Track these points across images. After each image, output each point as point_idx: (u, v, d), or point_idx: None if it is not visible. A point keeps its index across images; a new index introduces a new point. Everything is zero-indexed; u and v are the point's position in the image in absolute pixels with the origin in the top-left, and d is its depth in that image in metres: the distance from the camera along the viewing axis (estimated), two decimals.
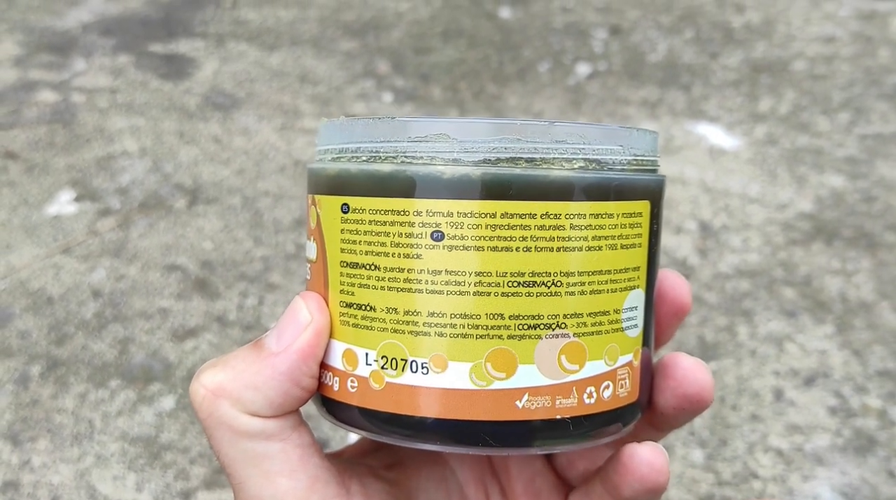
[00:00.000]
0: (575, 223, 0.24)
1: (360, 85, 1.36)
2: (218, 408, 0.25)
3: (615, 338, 0.25)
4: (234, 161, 1.16)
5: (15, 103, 1.30)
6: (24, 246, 0.99)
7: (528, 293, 0.24)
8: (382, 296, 0.24)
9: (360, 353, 0.25)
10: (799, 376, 0.80)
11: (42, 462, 0.73)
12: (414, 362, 0.24)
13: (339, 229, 0.25)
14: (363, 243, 0.25)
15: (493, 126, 0.24)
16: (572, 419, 0.25)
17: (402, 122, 0.25)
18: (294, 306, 0.26)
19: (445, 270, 0.24)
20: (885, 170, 1.12)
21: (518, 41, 1.50)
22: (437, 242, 0.24)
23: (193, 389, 0.26)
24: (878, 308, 0.88)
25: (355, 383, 0.25)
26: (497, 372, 0.24)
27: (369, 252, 0.25)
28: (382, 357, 0.25)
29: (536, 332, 0.24)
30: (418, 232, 0.24)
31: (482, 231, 0.24)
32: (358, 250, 0.25)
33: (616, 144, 0.25)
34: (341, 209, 0.25)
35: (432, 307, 0.24)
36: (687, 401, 0.27)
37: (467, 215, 0.23)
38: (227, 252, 0.98)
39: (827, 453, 0.72)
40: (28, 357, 0.83)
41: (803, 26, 1.50)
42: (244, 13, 1.62)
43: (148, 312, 0.89)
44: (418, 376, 0.24)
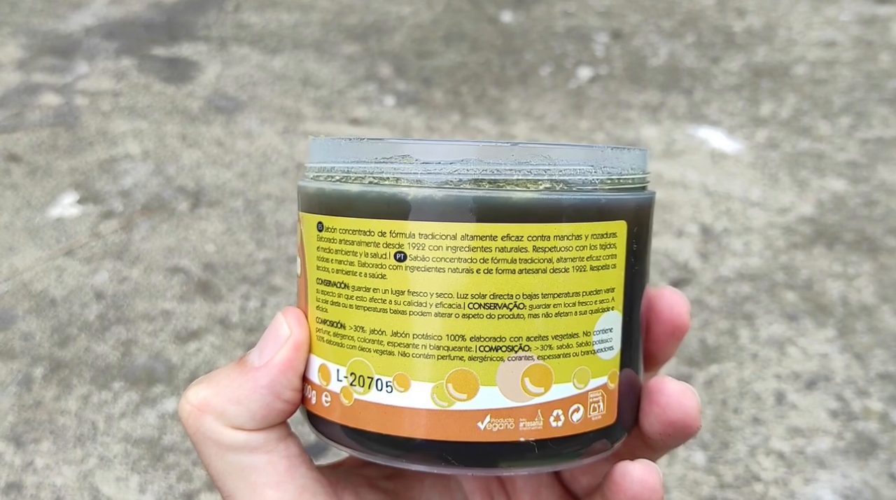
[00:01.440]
0: (538, 245, 0.24)
1: (363, 89, 1.37)
2: (203, 423, 0.26)
3: (585, 361, 0.25)
4: (236, 164, 1.17)
5: (18, 106, 1.30)
6: (27, 248, 0.99)
7: (490, 315, 0.24)
8: (351, 314, 0.25)
9: (332, 368, 0.26)
10: (800, 380, 0.80)
11: (45, 464, 0.73)
12: (379, 380, 0.24)
13: (315, 247, 0.26)
14: (334, 262, 0.25)
15: (456, 147, 0.24)
16: (537, 441, 0.24)
17: (370, 142, 0.25)
18: (275, 322, 0.27)
19: (408, 290, 0.24)
20: (886, 174, 1.12)
21: (520, 45, 1.51)
22: (400, 263, 0.24)
23: (180, 406, 0.27)
24: (879, 312, 0.89)
25: (329, 398, 0.26)
26: (458, 393, 0.24)
27: (340, 270, 0.25)
28: (351, 374, 0.25)
29: (498, 354, 0.24)
30: (383, 252, 0.24)
31: (443, 253, 0.24)
32: (330, 268, 0.25)
33: (587, 164, 0.25)
34: (317, 227, 0.26)
35: (396, 327, 0.24)
36: (671, 427, 0.27)
37: (428, 237, 0.24)
38: (229, 255, 0.98)
39: (828, 456, 0.72)
40: (31, 359, 0.84)
41: (804, 31, 1.50)
42: (247, 17, 1.62)
43: (151, 314, 0.89)
44: (383, 394, 0.24)
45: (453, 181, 0.24)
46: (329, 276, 0.25)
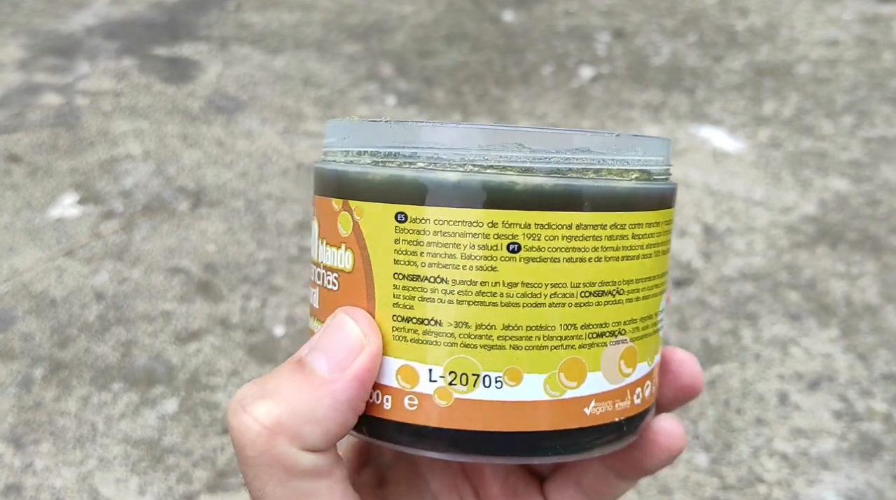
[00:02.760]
0: (636, 233, 0.25)
1: (364, 88, 1.36)
2: (275, 446, 0.23)
3: (654, 340, 0.26)
4: (237, 164, 1.16)
5: (19, 106, 1.30)
6: (27, 249, 0.99)
7: (598, 302, 0.24)
8: (451, 310, 0.24)
9: (421, 369, 0.24)
10: (804, 380, 0.80)
11: (45, 465, 0.73)
12: (487, 376, 0.24)
13: (391, 239, 0.24)
14: (427, 255, 0.24)
15: (564, 136, 0.24)
16: (626, 420, 0.25)
17: (471, 129, 0.24)
18: (342, 325, 0.24)
19: (522, 282, 0.23)
20: (890, 173, 1.12)
21: (521, 44, 1.50)
22: (514, 254, 0.23)
23: (244, 424, 0.23)
24: (883, 312, 0.88)
25: (415, 401, 0.24)
26: (569, 382, 0.24)
27: (434, 264, 0.24)
28: (450, 373, 0.24)
29: (602, 339, 0.25)
30: (493, 243, 0.23)
31: (558, 242, 0.24)
32: (419, 262, 0.24)
33: (659, 154, 0.26)
34: (396, 218, 0.24)
35: (507, 320, 0.24)
36: (682, 392, 0.29)
37: (545, 227, 0.23)
38: (230, 255, 0.98)
39: (832, 457, 0.72)
40: (31, 360, 0.83)
41: (807, 30, 1.49)
42: (248, 16, 1.62)
43: (151, 314, 0.89)
44: (491, 390, 0.24)
45: (562, 170, 0.24)
46: (417, 270, 0.24)
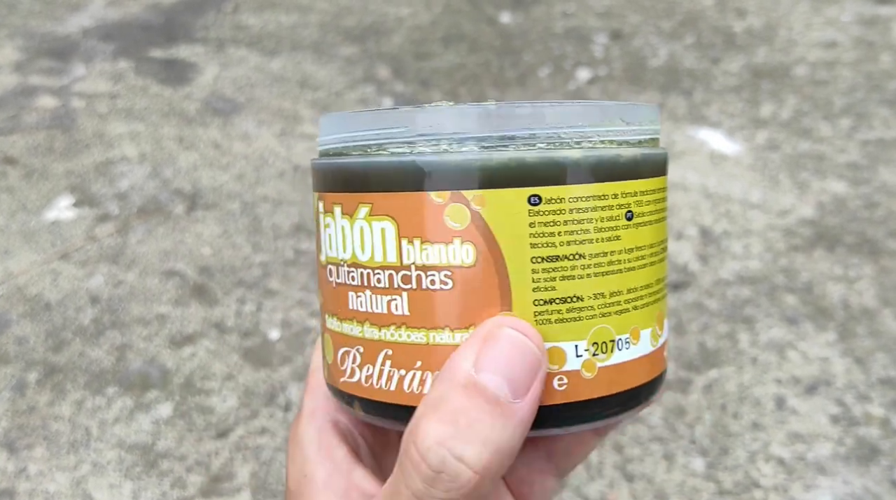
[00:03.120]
0: (664, 196, 0.27)
1: (361, 90, 1.36)
2: (483, 486, 0.22)
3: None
4: (233, 166, 1.16)
5: (15, 108, 1.30)
6: (22, 252, 0.99)
7: (661, 259, 0.27)
8: (589, 284, 0.24)
9: (568, 347, 0.24)
10: (801, 384, 0.80)
11: (38, 470, 0.72)
12: (619, 340, 0.25)
13: (525, 224, 0.24)
14: (564, 234, 0.24)
15: (650, 108, 0.27)
16: (664, 372, 0.28)
17: (584, 105, 0.25)
18: (520, 344, 0.23)
19: (635, 246, 0.25)
20: (888, 176, 1.11)
21: (519, 46, 1.50)
22: (630, 222, 0.25)
23: (457, 471, 0.22)
24: (880, 315, 0.88)
25: (564, 381, 0.24)
26: (661, 331, 0.27)
27: (572, 242, 0.24)
28: (593, 344, 0.25)
29: (663, 292, 0.27)
30: (616, 214, 0.25)
31: (653, 206, 0.26)
32: (558, 242, 0.24)
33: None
34: (530, 201, 0.24)
35: (630, 284, 0.25)
36: None
37: (646, 193, 0.26)
38: (225, 258, 0.98)
39: (829, 462, 0.71)
40: (25, 364, 0.83)
41: (805, 31, 1.49)
42: (245, 18, 1.62)
43: (146, 318, 0.89)
44: (623, 352, 0.25)
45: (643, 141, 0.27)
46: (557, 250, 0.24)
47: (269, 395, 0.80)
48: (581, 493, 0.70)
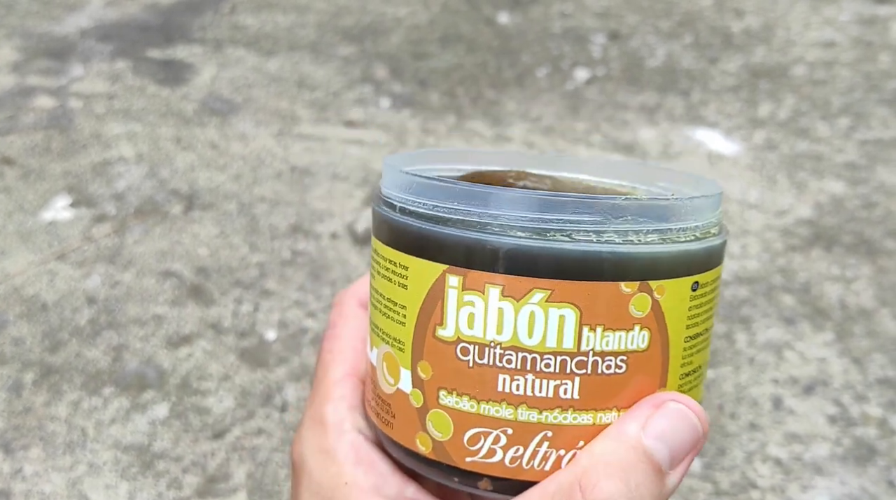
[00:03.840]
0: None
1: (358, 90, 1.36)
2: None
3: None
4: (230, 167, 1.16)
5: (12, 109, 1.29)
6: (18, 252, 0.98)
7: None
8: (704, 355, 0.28)
9: None
10: (798, 385, 0.80)
11: (34, 471, 0.72)
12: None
13: (686, 308, 0.26)
14: (702, 315, 0.27)
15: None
16: None
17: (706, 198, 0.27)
18: (687, 417, 0.24)
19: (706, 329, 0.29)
20: (886, 175, 1.11)
21: (516, 46, 1.50)
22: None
23: None
24: (878, 315, 0.88)
25: None
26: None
27: (703, 320, 0.27)
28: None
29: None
30: (715, 295, 0.28)
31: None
32: (700, 322, 0.27)
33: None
34: (692, 288, 0.26)
35: (706, 358, 0.29)
36: None
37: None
38: (222, 258, 0.98)
39: (826, 462, 0.71)
40: (21, 364, 0.83)
41: (803, 31, 1.49)
42: (242, 19, 1.62)
43: (142, 318, 0.88)
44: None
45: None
46: (698, 329, 0.27)
47: (266, 396, 0.80)
48: None
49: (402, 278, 0.27)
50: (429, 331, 0.26)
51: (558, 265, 0.24)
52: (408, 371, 0.27)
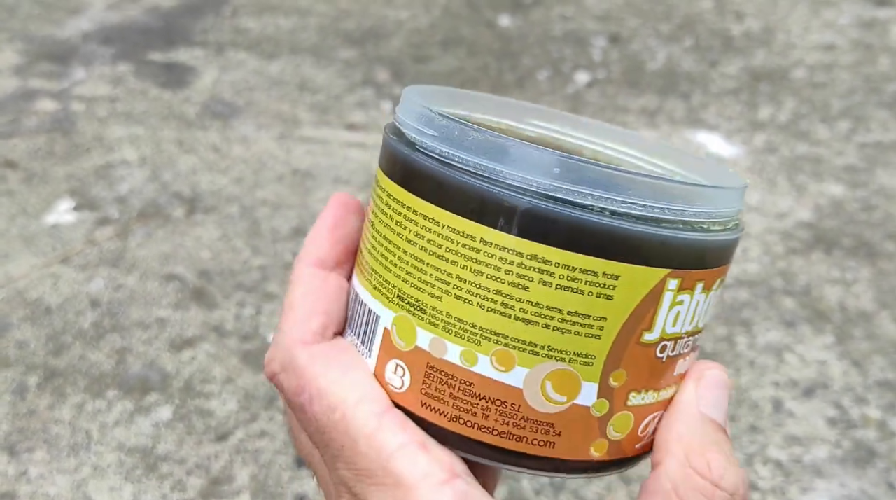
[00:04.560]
0: None
1: (360, 93, 1.36)
2: None
3: None
4: (232, 170, 1.16)
5: (14, 112, 1.30)
6: (22, 255, 0.99)
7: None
8: None
9: None
10: (798, 387, 0.80)
11: (39, 473, 0.72)
12: None
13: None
14: None
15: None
16: None
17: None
18: (727, 384, 0.29)
19: None
20: (885, 178, 1.12)
21: (517, 49, 1.51)
22: None
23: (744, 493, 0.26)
24: (877, 318, 0.88)
25: None
26: None
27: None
28: None
29: None
30: None
31: None
32: None
33: None
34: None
35: None
36: None
37: None
38: (224, 261, 0.98)
39: (826, 464, 0.72)
40: (25, 367, 0.83)
41: (803, 34, 1.50)
42: (244, 22, 1.62)
43: (146, 321, 0.89)
44: None
45: None
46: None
47: (269, 398, 0.80)
48: (579, 496, 0.70)
49: (603, 288, 0.24)
50: (633, 338, 0.25)
51: (719, 255, 0.26)
52: (593, 384, 0.25)
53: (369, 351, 0.27)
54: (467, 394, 0.25)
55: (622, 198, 0.24)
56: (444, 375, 0.25)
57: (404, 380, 0.26)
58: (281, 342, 0.29)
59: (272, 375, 0.29)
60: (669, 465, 0.26)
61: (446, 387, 0.25)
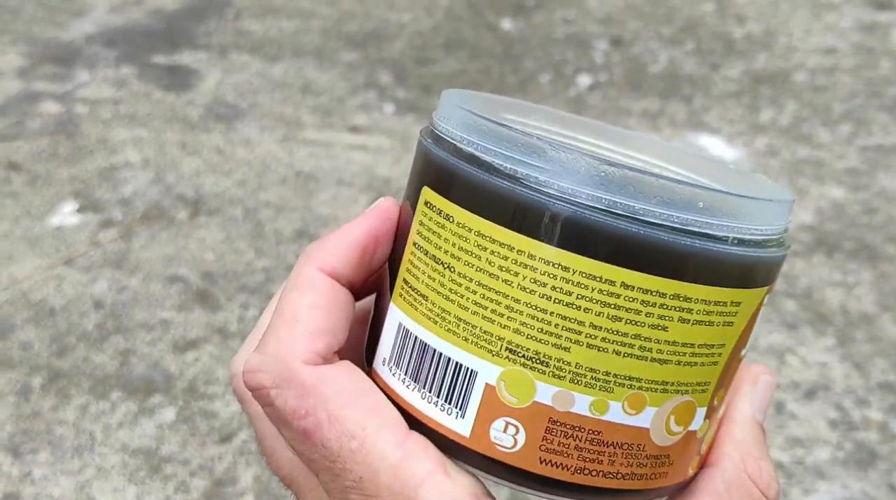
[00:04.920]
0: None
1: (362, 96, 1.37)
2: None
3: None
4: (235, 172, 1.17)
5: (18, 114, 1.30)
6: (26, 257, 0.99)
7: None
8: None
9: None
10: (800, 389, 0.80)
11: (43, 475, 0.73)
12: None
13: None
14: None
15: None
16: None
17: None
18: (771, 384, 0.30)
19: None
20: (886, 181, 1.12)
21: (519, 52, 1.51)
22: None
23: (777, 496, 0.27)
24: (879, 320, 0.88)
25: None
26: None
27: None
28: None
29: None
30: None
31: None
32: None
33: None
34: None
35: None
36: None
37: None
38: (228, 263, 0.98)
39: (828, 466, 0.72)
40: (29, 369, 0.84)
41: (804, 37, 1.50)
42: (247, 24, 1.63)
43: (149, 323, 0.89)
44: None
45: None
46: None
47: None
48: None
49: (729, 316, 0.24)
50: (737, 357, 0.25)
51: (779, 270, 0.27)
52: (703, 409, 0.25)
53: (461, 412, 0.24)
54: (595, 443, 0.24)
55: (743, 225, 0.24)
56: (570, 428, 0.24)
57: (517, 439, 0.24)
58: (276, 353, 0.26)
59: (259, 387, 0.25)
60: (727, 467, 0.26)
61: (571, 440, 0.24)
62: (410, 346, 0.25)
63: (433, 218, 0.25)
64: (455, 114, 0.26)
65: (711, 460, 0.27)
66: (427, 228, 0.25)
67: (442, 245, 0.25)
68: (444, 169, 0.25)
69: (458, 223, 0.24)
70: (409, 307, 0.25)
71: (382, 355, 0.26)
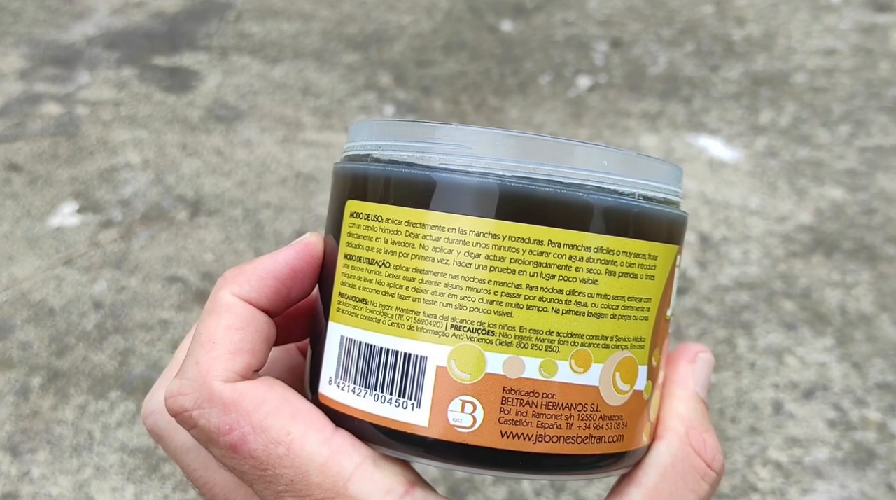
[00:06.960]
0: None
1: (362, 98, 1.37)
2: None
3: None
4: (235, 173, 1.17)
5: (19, 116, 1.31)
6: (26, 258, 0.99)
7: None
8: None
9: None
10: (798, 389, 0.80)
11: (41, 474, 0.73)
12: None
13: None
14: None
15: None
16: None
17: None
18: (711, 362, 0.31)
19: None
20: (886, 182, 1.12)
21: (519, 54, 1.51)
22: None
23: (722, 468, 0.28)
24: (877, 321, 0.88)
25: None
26: None
27: None
28: None
29: None
30: None
31: None
32: None
33: None
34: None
35: None
36: None
37: None
38: (227, 264, 0.99)
39: (826, 466, 0.72)
40: (29, 369, 0.84)
41: (804, 39, 1.50)
42: (248, 26, 1.63)
43: (148, 323, 0.89)
44: None
45: None
46: None
47: None
48: (580, 497, 0.70)
49: (650, 269, 0.26)
50: (663, 316, 0.27)
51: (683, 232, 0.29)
52: (644, 367, 0.26)
53: (416, 402, 0.25)
54: (550, 407, 0.24)
55: (644, 182, 0.26)
56: (525, 394, 0.24)
57: (475, 416, 0.24)
58: (194, 377, 0.26)
59: (181, 410, 0.25)
60: (672, 440, 0.27)
61: (528, 407, 0.24)
62: (356, 353, 0.26)
63: (361, 224, 0.26)
64: (363, 128, 0.27)
65: (658, 434, 0.28)
66: (357, 236, 0.26)
67: (374, 246, 0.25)
68: (363, 177, 0.26)
69: (387, 220, 0.25)
70: (349, 317, 0.26)
71: (328, 375, 0.27)
